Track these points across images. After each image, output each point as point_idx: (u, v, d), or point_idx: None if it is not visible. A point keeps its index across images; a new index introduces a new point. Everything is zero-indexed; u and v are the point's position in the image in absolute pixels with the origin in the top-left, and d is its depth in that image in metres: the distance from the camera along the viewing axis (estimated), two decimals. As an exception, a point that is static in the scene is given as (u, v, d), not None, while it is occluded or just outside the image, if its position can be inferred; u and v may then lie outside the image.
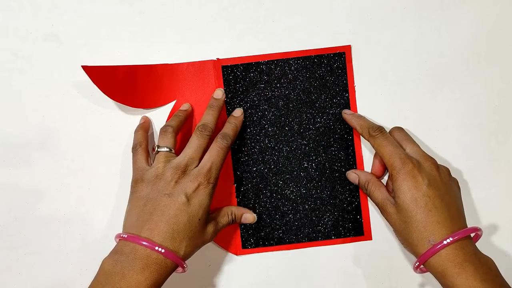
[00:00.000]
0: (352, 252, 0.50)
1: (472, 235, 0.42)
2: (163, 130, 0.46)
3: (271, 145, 0.50)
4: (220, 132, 0.47)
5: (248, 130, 0.50)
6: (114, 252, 0.41)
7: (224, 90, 0.49)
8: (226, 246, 0.51)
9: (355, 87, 0.50)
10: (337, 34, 0.50)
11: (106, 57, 0.50)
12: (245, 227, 0.50)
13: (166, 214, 0.41)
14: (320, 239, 0.50)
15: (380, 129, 0.46)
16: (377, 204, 0.46)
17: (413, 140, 0.47)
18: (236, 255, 0.51)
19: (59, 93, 0.50)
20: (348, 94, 0.49)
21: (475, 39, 0.50)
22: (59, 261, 0.51)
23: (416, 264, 0.42)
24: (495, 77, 0.50)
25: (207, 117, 0.47)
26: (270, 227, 0.50)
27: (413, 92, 0.50)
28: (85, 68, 0.46)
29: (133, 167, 0.46)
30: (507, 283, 0.40)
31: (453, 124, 0.50)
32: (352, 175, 0.49)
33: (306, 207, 0.50)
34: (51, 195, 0.51)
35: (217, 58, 0.50)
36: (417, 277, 0.50)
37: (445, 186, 0.43)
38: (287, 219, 0.50)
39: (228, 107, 0.50)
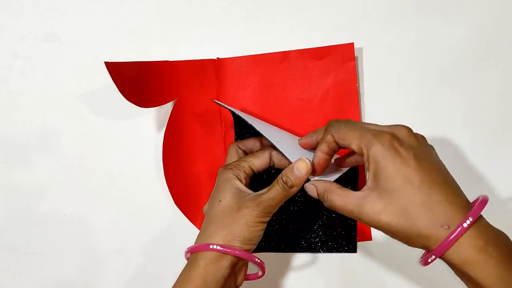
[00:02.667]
0: (349, 253, 0.50)
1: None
2: None
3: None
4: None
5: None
6: None
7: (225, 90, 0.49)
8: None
9: (357, 87, 0.50)
10: (337, 34, 0.50)
11: (106, 57, 0.50)
12: None
13: None
14: (313, 251, 0.50)
15: (334, 120, 0.38)
16: (350, 213, 0.36)
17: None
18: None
19: (59, 93, 0.50)
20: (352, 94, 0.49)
21: (475, 39, 0.50)
22: (59, 261, 0.51)
23: (431, 259, 0.34)
24: (496, 77, 0.50)
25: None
26: (264, 235, 0.50)
27: (413, 92, 0.50)
28: (107, 64, 0.42)
29: None
30: None
31: (453, 124, 0.50)
32: (309, 187, 0.39)
33: (305, 217, 0.49)
34: (51, 195, 0.51)
35: (217, 58, 0.50)
36: (418, 278, 0.50)
37: (431, 155, 0.35)
38: (282, 228, 0.49)
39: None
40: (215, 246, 0.38)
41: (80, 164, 0.51)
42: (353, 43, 0.48)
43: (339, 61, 0.49)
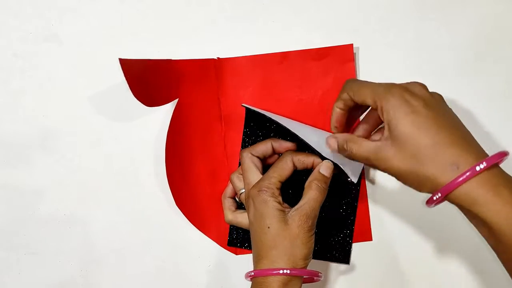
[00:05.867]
0: (352, 252, 0.50)
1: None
2: None
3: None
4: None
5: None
6: None
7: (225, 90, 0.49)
8: (225, 245, 0.51)
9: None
10: (337, 34, 0.50)
11: (106, 57, 0.50)
12: (235, 227, 0.50)
13: None
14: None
15: (350, 79, 0.42)
16: (367, 160, 0.39)
17: None
18: (236, 254, 0.51)
19: (59, 93, 0.50)
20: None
21: (475, 39, 0.50)
22: (59, 261, 0.51)
23: (437, 197, 0.35)
24: (495, 77, 0.50)
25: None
26: None
27: (413, 92, 0.50)
28: (121, 60, 0.41)
29: None
30: None
31: (453, 124, 0.50)
32: (331, 140, 0.43)
33: None
34: (51, 195, 0.51)
35: (218, 58, 0.50)
36: (418, 278, 0.50)
37: (443, 108, 0.37)
38: None
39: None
40: (285, 271, 0.40)
41: (80, 164, 0.51)
42: (352, 44, 0.48)
43: (339, 62, 0.49)
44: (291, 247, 0.40)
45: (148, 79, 0.45)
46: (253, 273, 0.41)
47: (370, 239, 0.50)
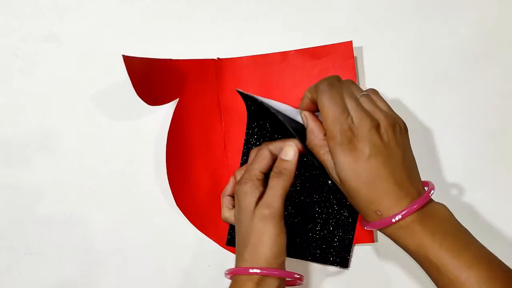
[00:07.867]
0: (353, 254, 0.50)
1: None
2: None
3: None
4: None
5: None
6: None
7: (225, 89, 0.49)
8: (225, 245, 0.51)
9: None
10: (337, 34, 0.50)
11: (106, 57, 0.50)
12: (233, 226, 0.50)
13: None
14: (305, 259, 0.49)
15: (329, 81, 0.39)
16: (326, 168, 0.40)
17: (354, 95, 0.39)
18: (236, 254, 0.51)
19: (59, 93, 0.50)
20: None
21: (475, 39, 0.50)
22: (59, 261, 0.51)
23: (365, 228, 0.40)
24: (495, 77, 0.50)
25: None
26: None
27: (413, 92, 0.50)
28: (125, 58, 0.41)
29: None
30: (463, 226, 0.38)
31: (453, 124, 0.50)
32: (301, 114, 0.42)
33: (302, 224, 0.49)
34: (51, 195, 0.51)
35: (218, 58, 0.50)
36: (419, 279, 0.50)
37: (388, 150, 0.38)
38: None
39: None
40: (255, 270, 0.38)
41: (80, 164, 0.51)
42: (351, 41, 0.48)
43: (338, 60, 0.49)
44: (259, 244, 0.38)
45: (150, 78, 0.45)
46: (227, 272, 0.40)
47: (372, 240, 0.50)
